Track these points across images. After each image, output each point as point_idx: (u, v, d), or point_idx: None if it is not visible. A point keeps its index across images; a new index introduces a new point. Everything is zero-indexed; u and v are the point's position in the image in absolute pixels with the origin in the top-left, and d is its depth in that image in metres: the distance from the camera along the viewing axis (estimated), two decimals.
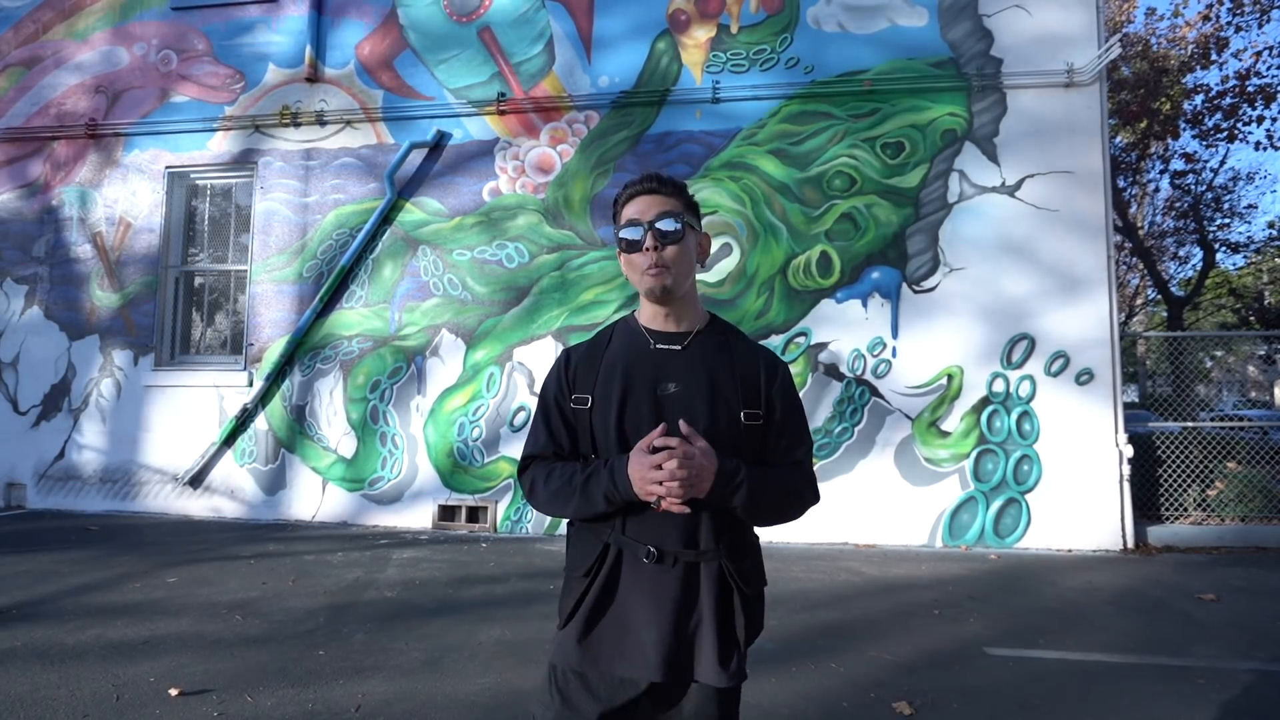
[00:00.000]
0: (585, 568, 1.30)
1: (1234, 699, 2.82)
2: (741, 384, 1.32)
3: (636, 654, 1.24)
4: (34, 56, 7.37)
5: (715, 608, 1.25)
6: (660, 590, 1.25)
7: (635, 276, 1.34)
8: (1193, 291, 15.45)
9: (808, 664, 3.14)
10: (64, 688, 2.77)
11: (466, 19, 6.65)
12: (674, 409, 1.28)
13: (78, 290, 7.00)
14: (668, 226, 1.30)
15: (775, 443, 1.35)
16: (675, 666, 1.23)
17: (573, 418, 1.36)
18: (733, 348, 1.37)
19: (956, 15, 6.08)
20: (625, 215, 1.35)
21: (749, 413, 1.31)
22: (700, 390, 1.29)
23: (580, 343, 1.44)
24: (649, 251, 1.29)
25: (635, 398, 1.30)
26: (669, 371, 1.32)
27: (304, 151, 6.78)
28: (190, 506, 6.58)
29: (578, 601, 1.29)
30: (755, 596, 1.33)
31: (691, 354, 1.34)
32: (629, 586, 1.27)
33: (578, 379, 1.36)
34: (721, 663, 1.24)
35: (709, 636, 1.24)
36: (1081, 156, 5.86)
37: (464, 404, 6.31)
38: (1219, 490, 5.91)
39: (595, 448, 1.33)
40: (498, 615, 3.76)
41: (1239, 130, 12.66)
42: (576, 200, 6.33)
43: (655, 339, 1.35)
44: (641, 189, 1.34)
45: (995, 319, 5.84)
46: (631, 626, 1.25)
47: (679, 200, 1.34)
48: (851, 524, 5.77)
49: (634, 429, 1.28)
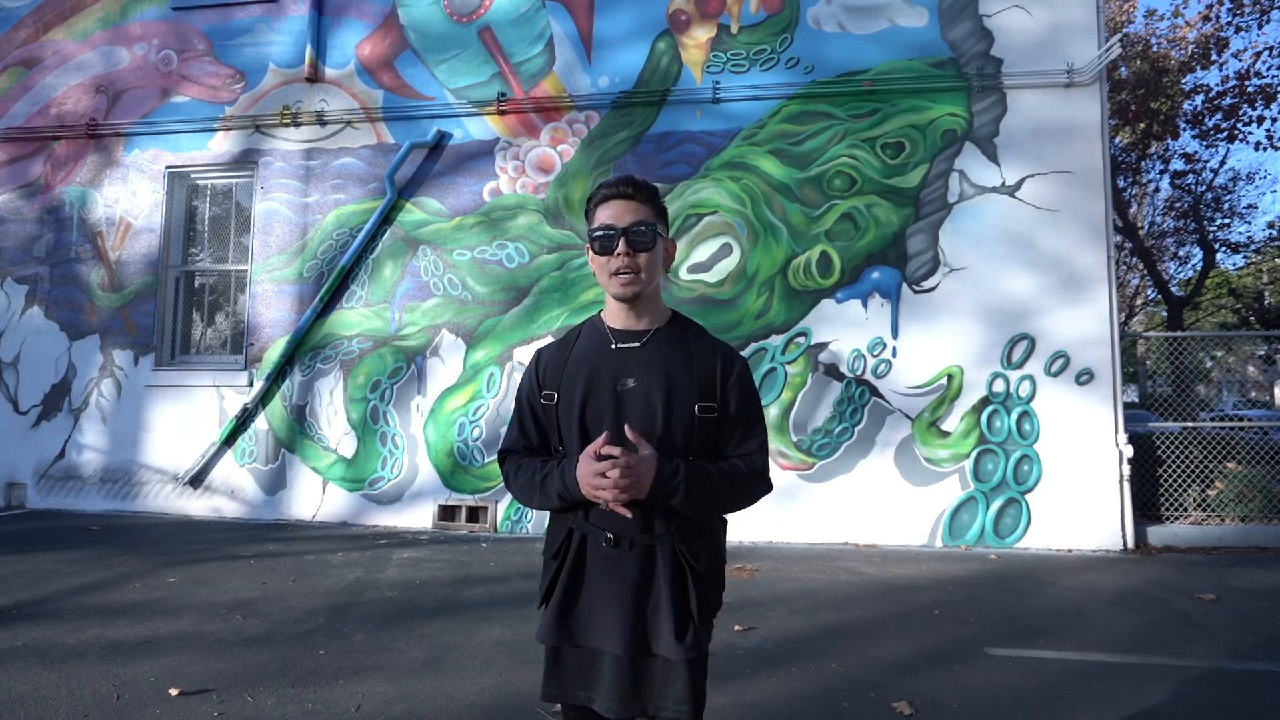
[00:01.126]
0: (554, 551, 1.42)
1: (1234, 699, 2.81)
2: (697, 378, 1.39)
3: (604, 628, 1.34)
4: (34, 56, 7.37)
5: (670, 586, 1.34)
6: (620, 571, 1.35)
7: (604, 278, 1.41)
8: (1193, 291, 15.45)
9: (808, 664, 3.13)
10: (64, 688, 2.77)
11: (466, 19, 6.65)
12: (632, 403, 1.37)
13: (78, 290, 7.01)
14: (641, 235, 1.37)
15: (729, 434, 1.42)
16: (637, 641, 1.33)
17: (542, 413, 1.46)
18: (691, 344, 1.44)
19: (957, 15, 6.08)
20: (599, 218, 1.40)
21: (703, 405, 1.38)
22: (657, 385, 1.37)
23: (550, 344, 1.53)
24: (621, 257, 1.36)
25: (596, 393, 1.39)
26: (628, 368, 1.39)
27: (304, 151, 6.78)
28: (190, 506, 6.58)
29: (551, 582, 1.40)
30: (710, 575, 1.39)
31: (649, 351, 1.41)
32: (593, 568, 1.38)
33: (547, 376, 1.46)
34: (678, 637, 1.31)
35: (666, 613, 1.33)
36: (1082, 156, 5.86)
37: (464, 404, 6.31)
38: (1219, 490, 5.91)
39: (561, 440, 1.44)
40: (498, 615, 3.76)
41: (1239, 130, 12.66)
42: (577, 200, 6.33)
43: (616, 338, 1.43)
44: (616, 193, 1.39)
45: (995, 319, 5.84)
46: (597, 604, 1.36)
47: (651, 208, 1.40)
48: (851, 524, 5.77)
49: (594, 422, 1.38)
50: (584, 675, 1.37)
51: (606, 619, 1.34)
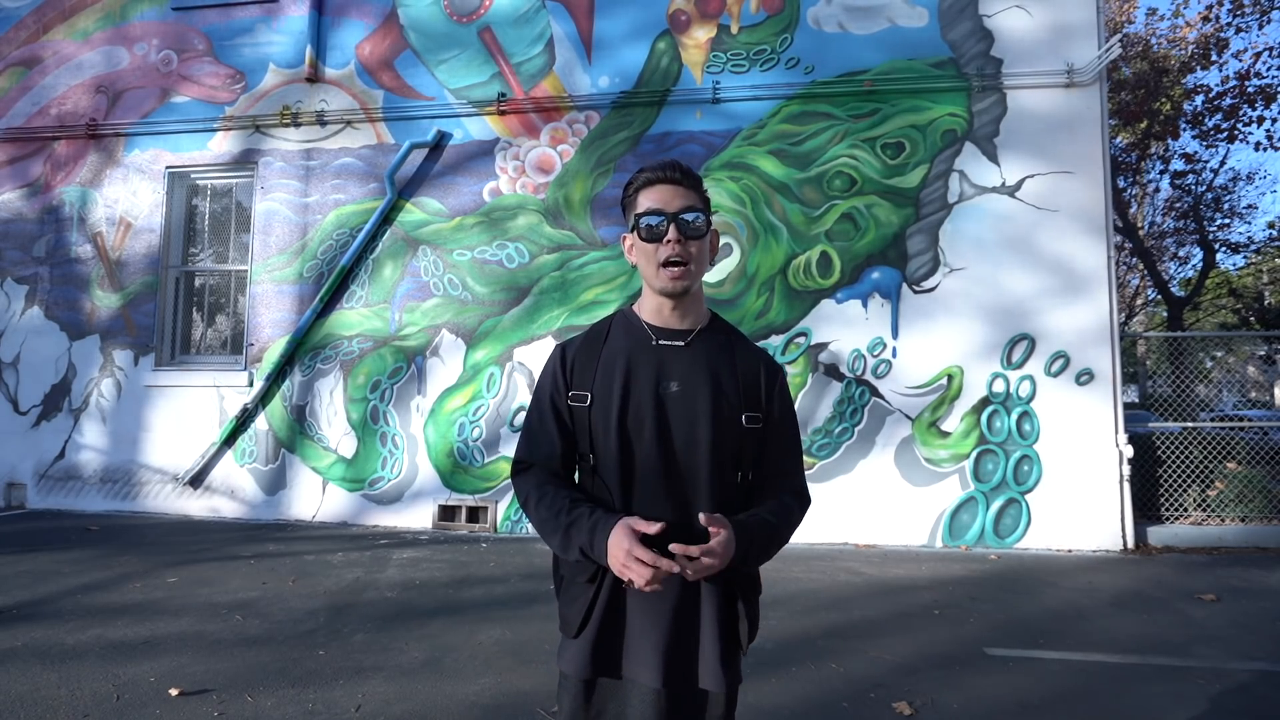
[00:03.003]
0: (589, 574, 1.26)
1: (1234, 699, 2.81)
2: (743, 386, 1.29)
3: (641, 658, 1.23)
4: (35, 56, 7.37)
5: (716, 613, 1.25)
6: (660, 598, 1.22)
7: (650, 269, 1.28)
8: (1193, 291, 15.45)
9: (808, 664, 3.13)
10: (64, 688, 2.77)
11: (467, 19, 6.65)
12: (676, 409, 1.26)
13: (78, 290, 7.00)
14: (692, 220, 1.26)
15: (770, 448, 1.33)
16: (676, 672, 1.23)
17: (569, 416, 1.31)
18: (735, 349, 1.34)
19: (957, 15, 6.08)
20: (643, 203, 1.29)
21: (750, 415, 1.28)
22: (703, 391, 1.26)
23: (576, 336, 1.38)
24: (671, 244, 1.25)
25: (637, 395, 1.26)
26: (671, 369, 1.28)
27: (304, 151, 6.78)
28: (190, 506, 6.58)
29: (589, 607, 1.26)
30: (754, 600, 1.32)
31: (695, 352, 1.30)
32: (630, 594, 1.25)
33: (575, 374, 1.31)
34: (724, 667, 1.23)
35: (710, 641, 1.24)
36: (1082, 157, 5.86)
37: (464, 404, 6.31)
38: (1219, 490, 5.91)
39: (594, 447, 1.29)
40: (498, 615, 3.76)
41: (1239, 131, 12.66)
42: (577, 200, 6.33)
43: (657, 334, 1.30)
44: (663, 176, 1.28)
45: (995, 319, 5.84)
46: (634, 631, 1.25)
47: (698, 195, 1.30)
48: (851, 524, 5.76)
49: (635, 429, 1.25)
50: (616, 708, 1.25)
51: (643, 648, 1.23)
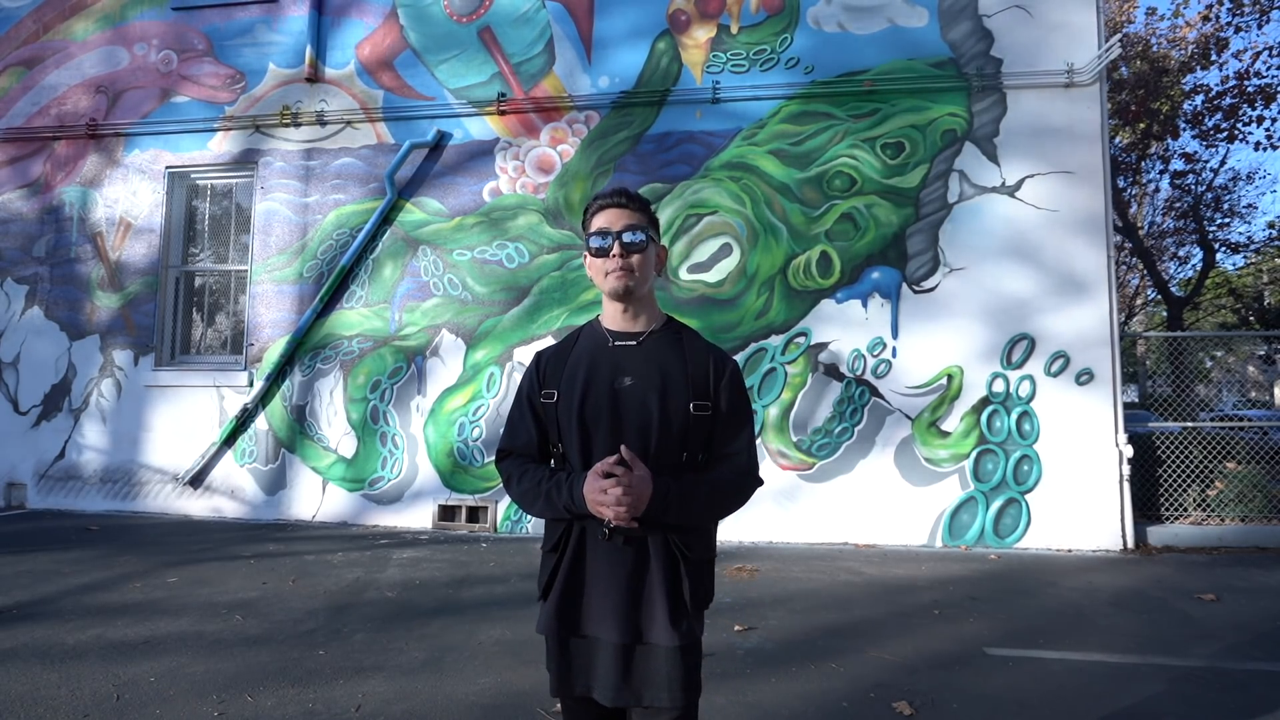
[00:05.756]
0: (553, 544, 1.47)
1: (1234, 699, 2.81)
2: (691, 378, 1.47)
3: (601, 617, 1.40)
4: (35, 56, 7.37)
5: (664, 575, 1.41)
6: (616, 562, 1.41)
7: (599, 278, 1.50)
8: (1193, 291, 15.44)
9: (808, 664, 3.13)
10: (64, 688, 2.77)
11: (467, 19, 6.65)
12: (629, 400, 1.44)
13: (78, 290, 7.01)
14: (632, 238, 1.47)
15: (720, 433, 1.49)
16: (632, 628, 1.39)
17: (542, 411, 1.53)
18: (685, 345, 1.52)
19: (956, 15, 6.08)
20: (594, 225, 1.50)
21: (697, 404, 1.45)
22: (653, 383, 1.45)
23: (551, 345, 1.62)
24: (615, 258, 1.45)
25: (595, 391, 1.46)
26: (625, 366, 1.47)
27: (304, 151, 6.78)
28: (190, 506, 6.58)
29: (551, 575, 1.45)
30: (701, 563, 1.46)
31: (646, 350, 1.49)
32: (591, 559, 1.44)
33: (548, 376, 1.54)
34: (672, 624, 1.38)
35: (659, 601, 1.39)
36: (1082, 157, 5.86)
37: (464, 404, 6.31)
38: (1219, 490, 5.91)
39: (561, 436, 1.49)
40: (498, 615, 3.76)
41: (1239, 130, 12.66)
42: (577, 200, 6.33)
43: (614, 338, 1.51)
44: (610, 203, 1.50)
45: (995, 319, 5.84)
46: (594, 594, 1.42)
47: (643, 215, 1.50)
48: (851, 524, 5.77)
49: (593, 419, 1.45)
50: (584, 664, 1.43)
51: (603, 608, 1.40)
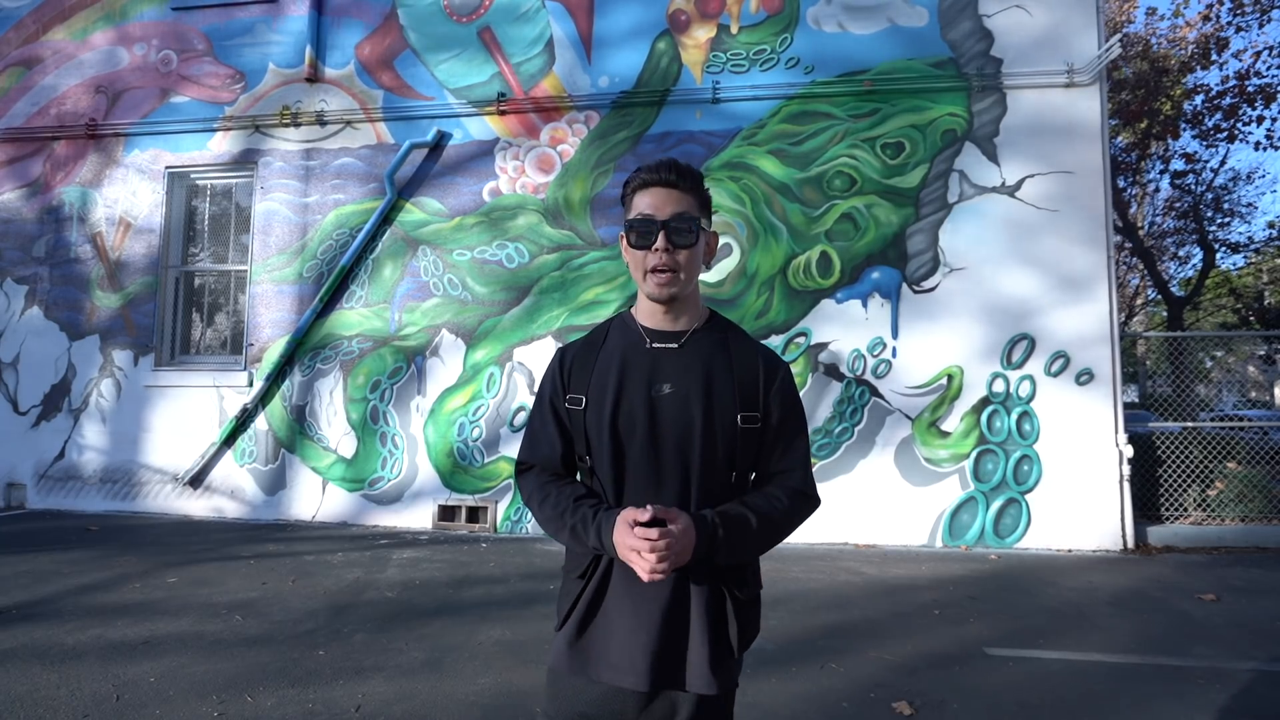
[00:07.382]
0: (580, 570, 1.28)
1: (1234, 699, 2.81)
2: (739, 385, 1.27)
3: (624, 661, 1.21)
4: (34, 56, 7.37)
5: (706, 613, 1.22)
6: (651, 596, 1.21)
7: (638, 274, 1.29)
8: (1193, 291, 15.43)
9: (808, 664, 3.13)
10: (64, 688, 2.77)
11: (466, 19, 6.65)
12: (668, 411, 1.25)
13: (78, 290, 7.00)
14: (683, 229, 1.25)
15: (770, 448, 1.31)
16: (663, 674, 1.20)
17: (567, 418, 1.32)
18: (731, 347, 1.32)
19: (956, 15, 6.08)
20: (637, 206, 1.28)
21: (746, 415, 1.26)
22: (695, 392, 1.25)
23: (576, 340, 1.39)
24: (659, 253, 1.24)
25: (629, 398, 1.26)
26: (664, 372, 1.27)
27: (304, 151, 6.78)
28: (190, 506, 6.58)
29: (573, 604, 1.27)
30: (749, 601, 1.29)
31: (688, 353, 1.29)
32: (620, 591, 1.24)
33: (573, 378, 1.33)
34: (713, 669, 1.20)
35: (699, 643, 1.21)
36: (1082, 156, 5.86)
37: (464, 404, 6.31)
38: (1219, 490, 5.91)
39: (589, 448, 1.30)
40: (498, 615, 3.76)
41: (1239, 130, 12.65)
42: (577, 200, 6.33)
43: (651, 337, 1.31)
44: (657, 179, 1.26)
45: (995, 319, 5.84)
46: (620, 632, 1.22)
47: (695, 198, 1.28)
48: (851, 524, 5.76)
49: (627, 430, 1.25)
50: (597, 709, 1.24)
51: (629, 648, 1.20)
